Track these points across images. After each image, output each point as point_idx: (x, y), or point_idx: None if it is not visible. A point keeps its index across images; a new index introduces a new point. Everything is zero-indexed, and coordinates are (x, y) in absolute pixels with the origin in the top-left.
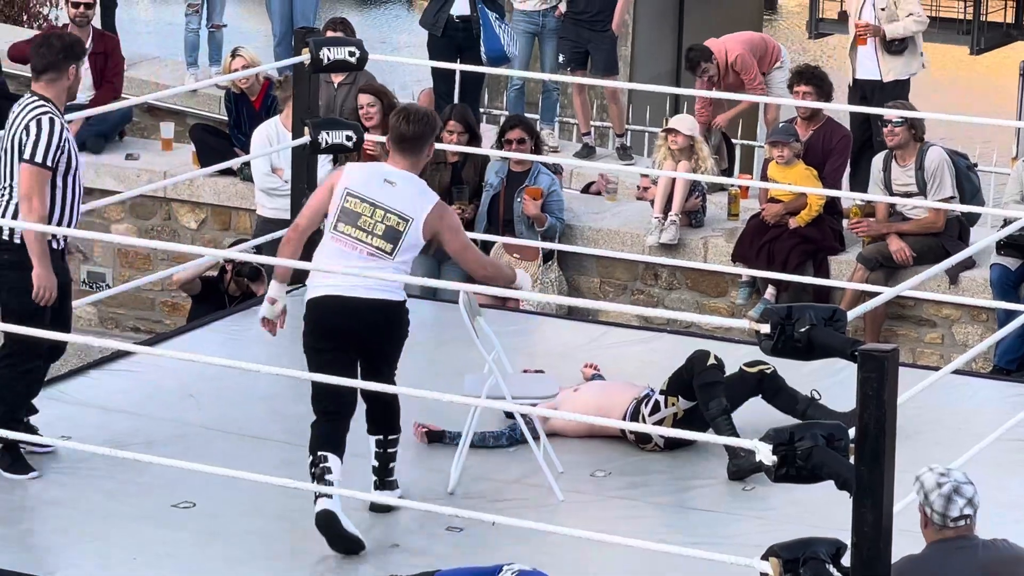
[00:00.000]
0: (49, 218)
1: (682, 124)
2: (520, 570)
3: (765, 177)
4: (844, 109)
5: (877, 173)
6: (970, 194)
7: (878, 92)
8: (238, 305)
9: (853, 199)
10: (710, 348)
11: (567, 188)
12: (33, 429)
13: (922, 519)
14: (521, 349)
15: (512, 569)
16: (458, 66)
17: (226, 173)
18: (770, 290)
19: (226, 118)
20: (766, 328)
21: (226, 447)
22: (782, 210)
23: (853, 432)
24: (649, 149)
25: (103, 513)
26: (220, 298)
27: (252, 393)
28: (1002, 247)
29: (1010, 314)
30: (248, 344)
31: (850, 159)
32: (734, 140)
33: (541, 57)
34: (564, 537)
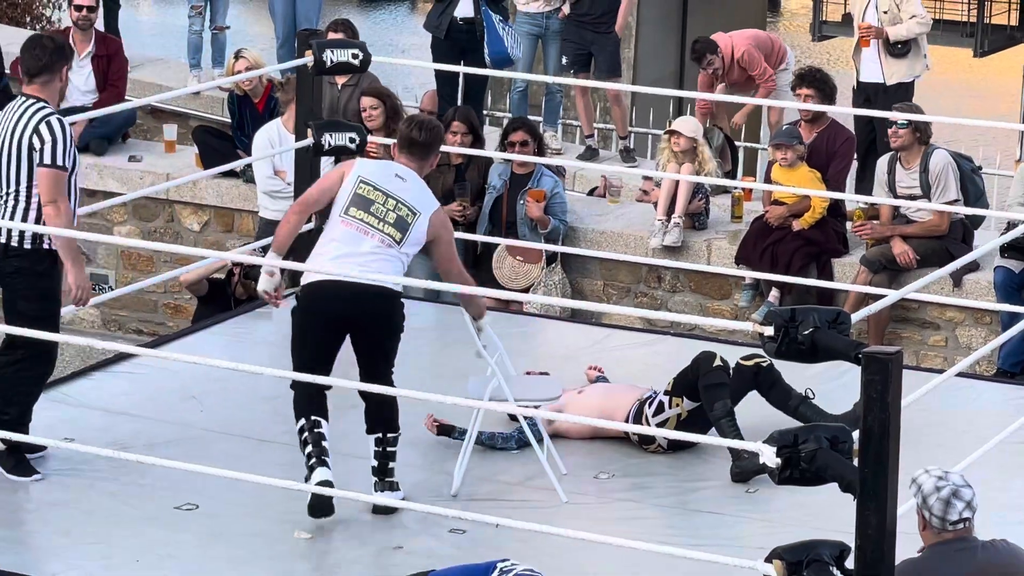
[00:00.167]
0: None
1: (684, 126)
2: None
3: (769, 179)
4: (847, 112)
5: (882, 175)
6: (974, 197)
7: (881, 95)
8: (241, 307)
9: (856, 202)
10: (714, 350)
11: (570, 191)
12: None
13: (920, 522)
14: (525, 352)
15: (505, 567)
16: (462, 68)
17: (229, 175)
18: (773, 293)
19: (229, 120)
20: (770, 331)
21: (229, 449)
22: (786, 212)
23: (857, 435)
24: (652, 151)
25: (106, 515)
26: (226, 300)
27: (255, 395)
28: (1006, 250)
29: (1014, 317)
30: (251, 346)
31: (856, 162)
32: (737, 143)
33: (545, 59)
34: (567, 539)
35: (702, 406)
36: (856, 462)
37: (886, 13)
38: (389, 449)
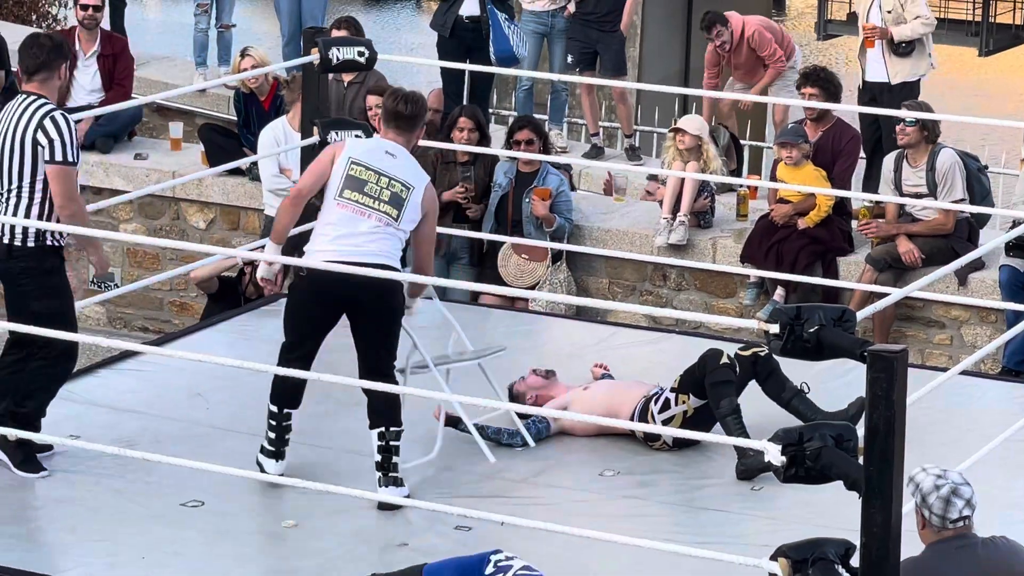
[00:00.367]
0: (52, 214)
1: (689, 124)
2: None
3: (774, 178)
4: (852, 110)
5: (888, 173)
6: (980, 196)
7: (886, 94)
8: (247, 305)
9: (862, 200)
10: (721, 348)
11: (583, 190)
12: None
13: (919, 521)
14: (530, 350)
15: (500, 560)
16: (467, 66)
17: (235, 173)
18: (779, 291)
19: (235, 118)
20: (775, 328)
21: (234, 446)
22: (791, 211)
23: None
24: (658, 150)
25: (112, 512)
26: (236, 299)
27: (261, 392)
28: (1011, 248)
29: (1019, 315)
30: (257, 344)
31: (864, 160)
32: (743, 141)
33: (550, 58)
34: (572, 536)
35: (708, 404)
36: (861, 460)
37: (890, 13)
38: (392, 444)
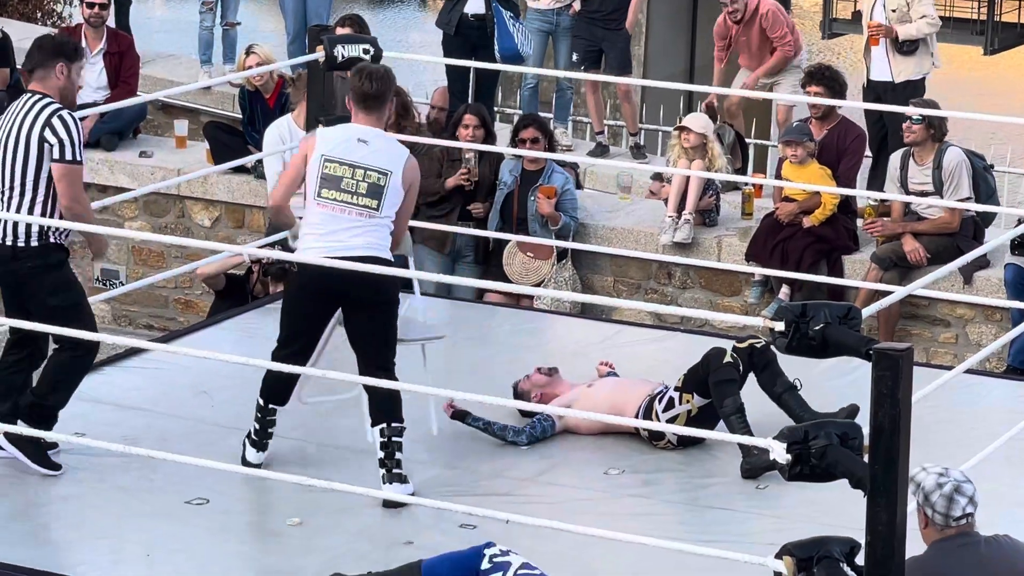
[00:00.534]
0: (54, 212)
1: (695, 123)
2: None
3: (779, 176)
4: (857, 106)
5: (894, 171)
6: (986, 195)
7: (891, 92)
8: (253, 303)
9: (867, 198)
10: (724, 347)
11: (588, 188)
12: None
13: (922, 520)
14: (535, 347)
15: (495, 555)
16: (472, 63)
17: (240, 171)
18: (784, 289)
19: (240, 116)
20: (780, 326)
21: (240, 444)
22: (796, 209)
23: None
24: (663, 148)
25: (117, 509)
26: (243, 296)
27: None
28: (1016, 247)
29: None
30: (262, 341)
31: (870, 159)
32: (748, 139)
33: (555, 56)
34: (577, 534)
35: (712, 403)
36: (866, 458)
37: (895, 11)
38: (395, 440)
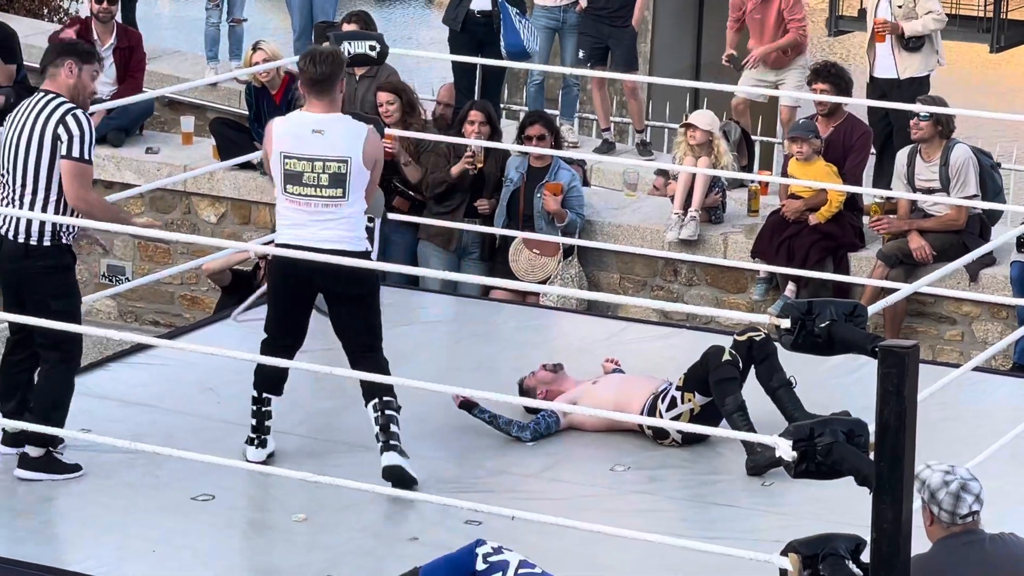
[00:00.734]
0: (63, 210)
1: (700, 120)
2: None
3: (785, 174)
4: (863, 103)
5: (901, 167)
6: (992, 193)
7: (895, 89)
8: (260, 299)
9: (873, 196)
10: (723, 345)
11: (595, 185)
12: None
13: (927, 518)
14: (540, 344)
15: (488, 553)
16: (478, 60)
17: (246, 167)
18: (790, 287)
19: (246, 112)
20: (786, 323)
21: (244, 442)
22: (802, 206)
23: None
24: (669, 145)
25: (122, 505)
26: (250, 292)
27: None
28: (1022, 244)
29: None
30: None
31: (875, 156)
32: (754, 137)
33: (562, 52)
34: (583, 531)
35: (714, 401)
36: (872, 456)
37: (900, 7)
38: (388, 412)
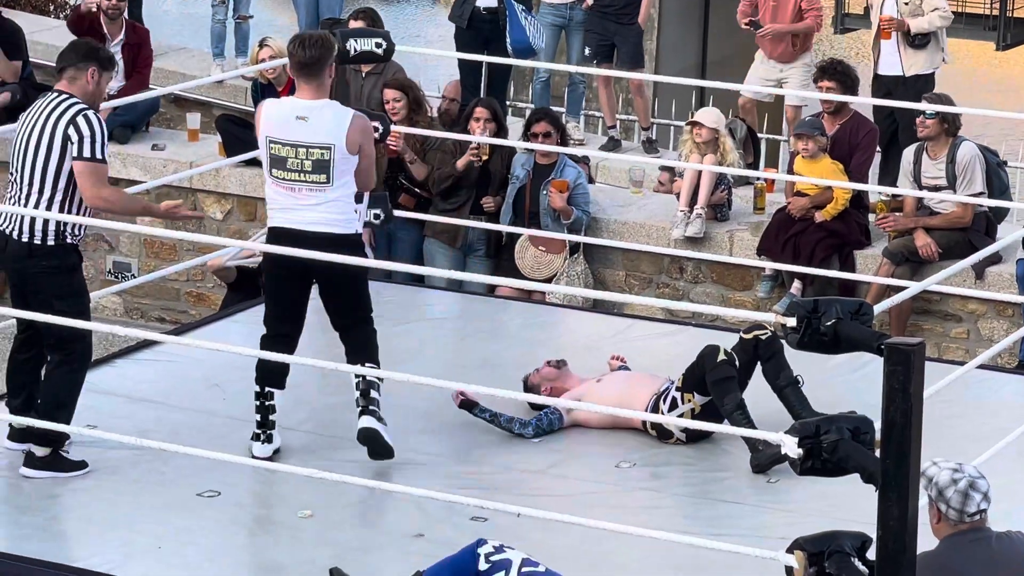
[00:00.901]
0: (74, 209)
1: (706, 117)
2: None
3: (791, 171)
4: (869, 102)
5: (907, 165)
6: (999, 191)
7: (901, 87)
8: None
9: (879, 193)
10: (718, 344)
11: (600, 183)
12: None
13: (935, 515)
14: (546, 341)
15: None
16: (484, 58)
17: (252, 164)
18: (796, 284)
19: (252, 109)
20: (792, 321)
21: (250, 438)
22: (808, 204)
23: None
24: (674, 143)
25: (128, 502)
26: (255, 289)
27: None
28: None
29: None
30: None
31: (880, 154)
32: (759, 134)
33: (568, 50)
34: (588, 528)
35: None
36: (877, 453)
37: (907, 4)
38: (370, 377)
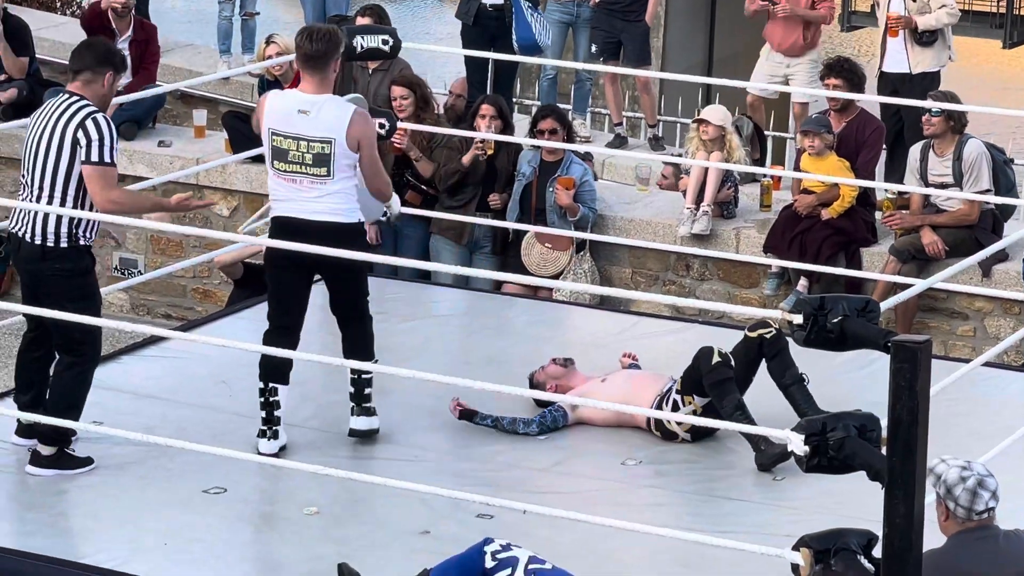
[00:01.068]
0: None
1: (713, 115)
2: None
3: (798, 168)
4: (876, 100)
5: (914, 163)
6: (1005, 188)
7: (907, 84)
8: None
9: (886, 191)
10: (711, 345)
11: (606, 180)
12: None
13: (942, 513)
14: (552, 339)
15: (493, 550)
16: (490, 55)
17: (258, 160)
18: (802, 282)
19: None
20: (798, 319)
21: (256, 435)
22: (815, 201)
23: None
24: (681, 140)
25: (134, 498)
26: (262, 285)
27: None
28: None
29: None
30: None
31: (886, 152)
32: (766, 132)
33: (575, 47)
34: (594, 525)
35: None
36: (884, 451)
37: (914, 1)
38: (364, 376)
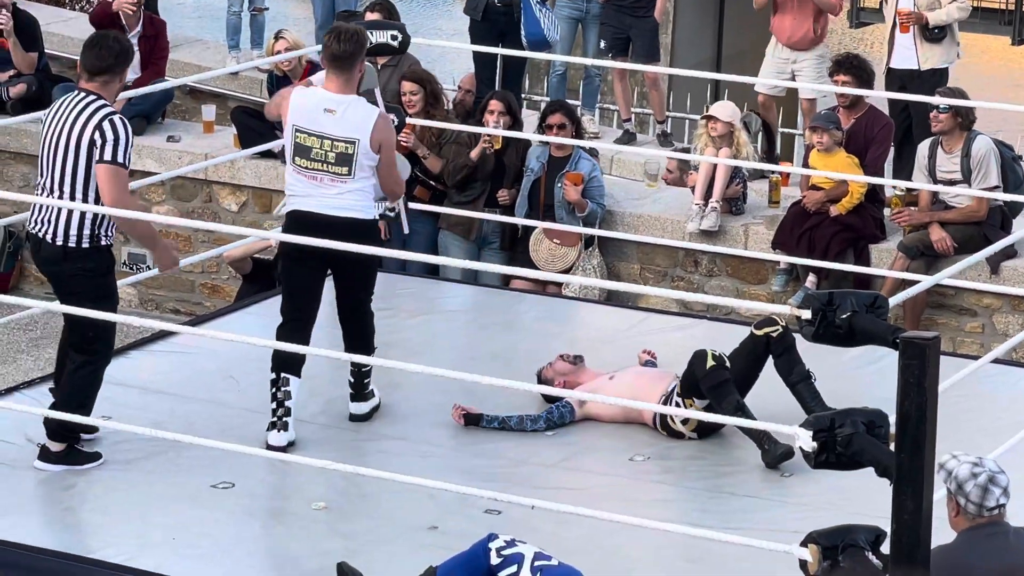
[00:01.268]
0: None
1: (722, 111)
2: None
3: (806, 165)
4: (884, 96)
5: (922, 159)
6: (1014, 185)
7: (916, 80)
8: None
9: (894, 187)
10: (705, 348)
11: (615, 175)
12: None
13: (953, 509)
14: (560, 334)
15: (498, 546)
16: (499, 50)
17: (267, 156)
18: (811, 278)
19: (268, 101)
20: (807, 314)
21: (266, 428)
22: (823, 197)
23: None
24: (689, 136)
25: (142, 493)
26: (270, 280)
27: None
28: None
29: None
30: None
31: (893, 148)
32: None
33: (584, 43)
34: (602, 520)
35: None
36: (892, 447)
37: None
38: (364, 368)
